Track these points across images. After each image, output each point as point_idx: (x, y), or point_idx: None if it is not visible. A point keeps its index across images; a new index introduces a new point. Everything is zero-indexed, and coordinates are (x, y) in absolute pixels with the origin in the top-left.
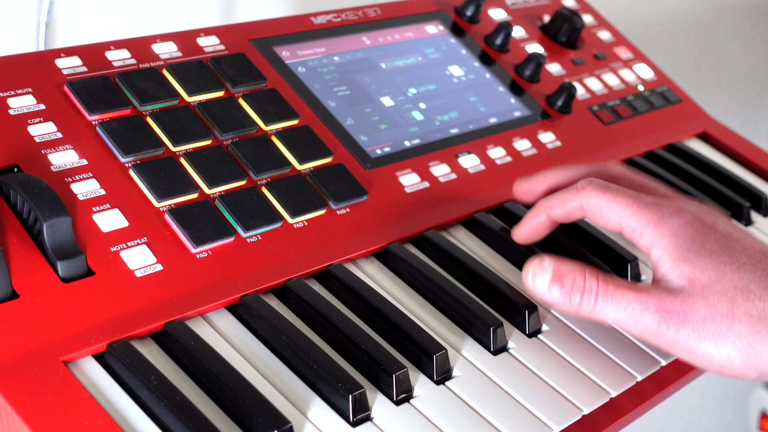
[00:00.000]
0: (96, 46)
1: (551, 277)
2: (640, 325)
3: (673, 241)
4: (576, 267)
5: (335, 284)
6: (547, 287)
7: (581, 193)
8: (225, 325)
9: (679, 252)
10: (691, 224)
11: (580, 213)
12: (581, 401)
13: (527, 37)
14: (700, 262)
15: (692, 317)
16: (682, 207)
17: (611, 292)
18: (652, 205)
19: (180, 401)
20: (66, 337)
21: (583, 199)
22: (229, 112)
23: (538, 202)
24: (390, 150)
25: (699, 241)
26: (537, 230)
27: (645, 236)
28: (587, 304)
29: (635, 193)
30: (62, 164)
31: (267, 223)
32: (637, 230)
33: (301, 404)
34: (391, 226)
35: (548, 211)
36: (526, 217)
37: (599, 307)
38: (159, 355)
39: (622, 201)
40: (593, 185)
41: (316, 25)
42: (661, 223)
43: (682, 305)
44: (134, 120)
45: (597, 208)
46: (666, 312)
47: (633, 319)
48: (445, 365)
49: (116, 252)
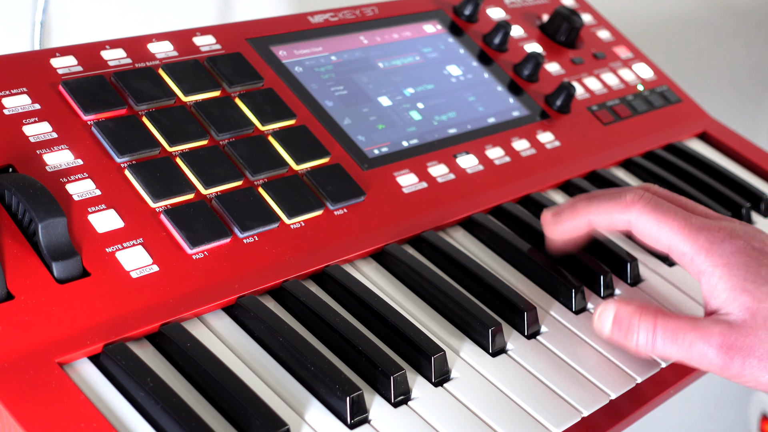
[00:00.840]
0: (91, 45)
1: (613, 320)
2: (704, 362)
3: (726, 269)
4: (634, 308)
5: (332, 285)
6: (610, 329)
7: (631, 208)
8: (221, 326)
9: (735, 282)
10: (744, 251)
11: (626, 228)
12: (580, 403)
13: (526, 37)
14: (759, 292)
15: (757, 350)
16: (732, 230)
17: (671, 333)
18: (702, 228)
19: (176, 403)
20: (61, 339)
21: (632, 216)
22: (225, 112)
23: (579, 202)
24: (388, 150)
25: (754, 269)
26: (573, 233)
27: (696, 263)
28: (646, 345)
29: (686, 214)
30: (57, 164)
31: (264, 223)
32: (688, 255)
33: (298, 406)
34: (389, 227)
35: (591, 217)
36: (563, 215)
37: (659, 347)
38: (155, 356)
39: (674, 223)
40: (644, 201)
41: (313, 24)
42: (713, 250)
43: (746, 339)
44: (130, 120)
45: (647, 228)
46: (730, 348)
47: (697, 357)
48: (443, 367)
49: (112, 253)
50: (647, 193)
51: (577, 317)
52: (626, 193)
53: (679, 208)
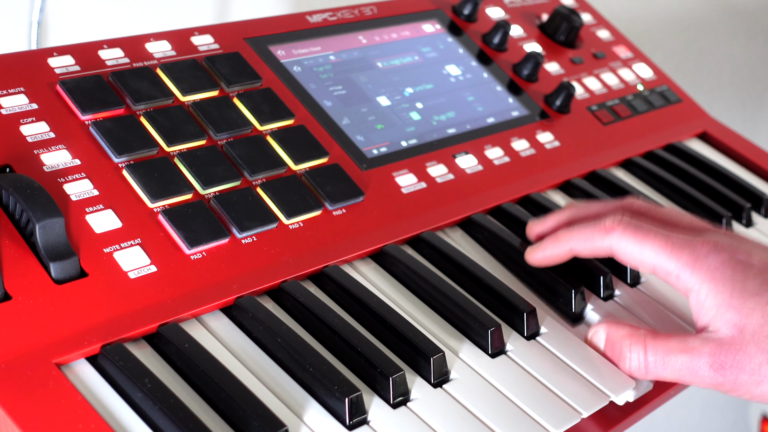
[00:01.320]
0: (89, 44)
1: (605, 344)
2: (698, 380)
3: (713, 285)
4: (623, 335)
5: (331, 286)
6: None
7: (611, 234)
8: (220, 327)
9: (722, 298)
10: (728, 263)
11: (608, 253)
12: (580, 405)
13: (525, 36)
14: (745, 307)
15: (747, 366)
16: (716, 243)
17: (661, 357)
18: (686, 245)
19: (174, 404)
20: (59, 340)
21: (613, 241)
22: (223, 112)
23: (561, 231)
24: (386, 150)
25: (740, 283)
26: (555, 259)
27: (682, 280)
28: (638, 371)
29: (666, 232)
30: (55, 164)
31: (262, 224)
32: (673, 274)
33: (297, 407)
34: (388, 227)
35: (572, 245)
36: (545, 243)
37: (652, 371)
38: (153, 357)
39: (655, 243)
40: (623, 225)
41: (311, 23)
42: (698, 265)
43: (736, 356)
44: (128, 120)
45: (629, 251)
46: (720, 366)
47: (689, 377)
48: (442, 368)
49: (110, 253)
50: (626, 217)
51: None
52: (605, 219)
53: (659, 228)
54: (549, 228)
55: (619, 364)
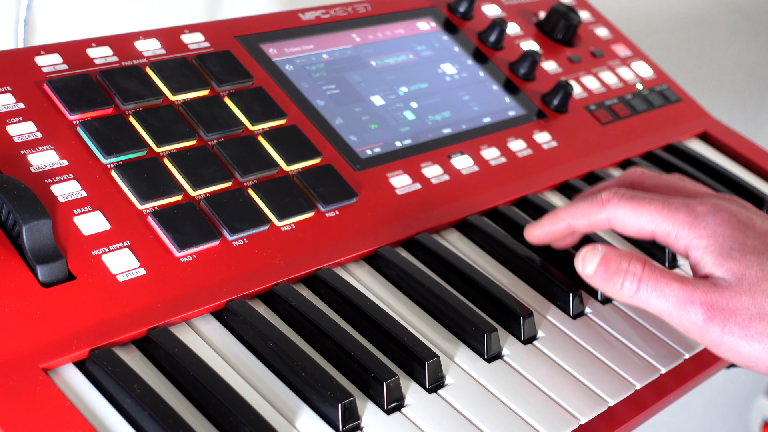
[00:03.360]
0: (77, 43)
1: (599, 261)
2: (684, 319)
3: (713, 240)
4: (625, 252)
5: (324, 289)
6: (594, 268)
7: (607, 206)
8: (210, 331)
9: (722, 250)
10: (729, 222)
11: (606, 226)
12: (578, 410)
13: (522, 34)
14: (745, 260)
15: (739, 315)
16: (715, 204)
17: (656, 280)
18: (683, 206)
19: (163, 410)
20: (46, 344)
21: (609, 212)
22: (214, 112)
23: (559, 208)
24: (380, 151)
25: (740, 240)
26: (554, 236)
27: (681, 238)
28: (629, 289)
29: (662, 197)
30: (42, 165)
31: (253, 225)
32: (672, 233)
33: (289, 413)
34: (382, 229)
35: (570, 220)
36: (543, 219)
37: (642, 293)
38: (142, 362)
39: (651, 207)
40: (618, 196)
41: (304, 21)
42: (696, 223)
43: (729, 301)
44: (116, 119)
45: (626, 219)
46: (712, 307)
47: (677, 310)
48: (437, 373)
49: (98, 256)
50: (621, 189)
51: (575, 321)
52: (602, 193)
53: (655, 195)
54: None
55: (611, 283)
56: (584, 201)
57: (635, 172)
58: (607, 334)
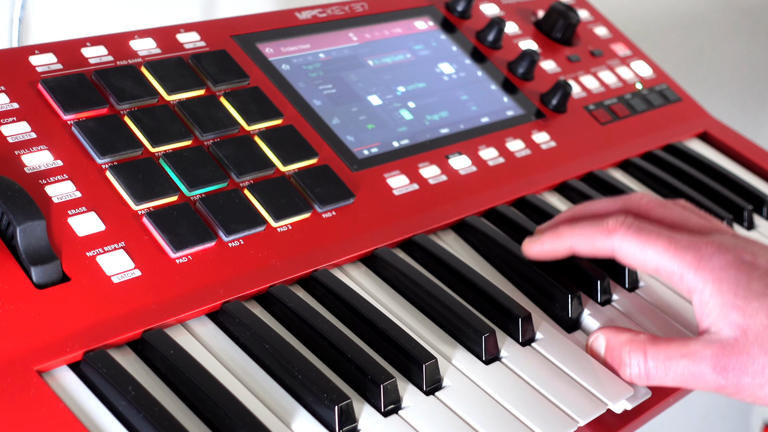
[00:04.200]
0: (72, 42)
1: (605, 351)
2: (700, 384)
3: (717, 285)
4: (623, 341)
5: (321, 291)
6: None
7: (613, 235)
8: (206, 333)
9: (726, 298)
10: (733, 264)
11: (609, 255)
12: (577, 413)
13: (521, 34)
14: (750, 308)
15: (751, 367)
16: (720, 244)
17: (663, 362)
18: (690, 246)
19: (159, 412)
20: (40, 346)
21: (615, 242)
22: (210, 112)
23: (563, 226)
24: (378, 151)
25: (744, 283)
26: (553, 255)
27: (685, 281)
28: (639, 378)
29: (670, 233)
30: (36, 165)
31: (249, 226)
32: (677, 274)
33: (285, 415)
34: (379, 230)
35: (572, 243)
36: (545, 237)
37: (653, 378)
38: (137, 364)
39: (658, 243)
40: (626, 227)
41: (300, 20)
42: (702, 266)
43: (739, 358)
44: (111, 120)
45: (630, 251)
46: (723, 369)
47: (692, 381)
48: (434, 375)
49: (92, 257)
50: (629, 218)
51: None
52: (608, 219)
53: (662, 229)
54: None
55: (620, 371)
56: (589, 226)
57: (641, 200)
58: None
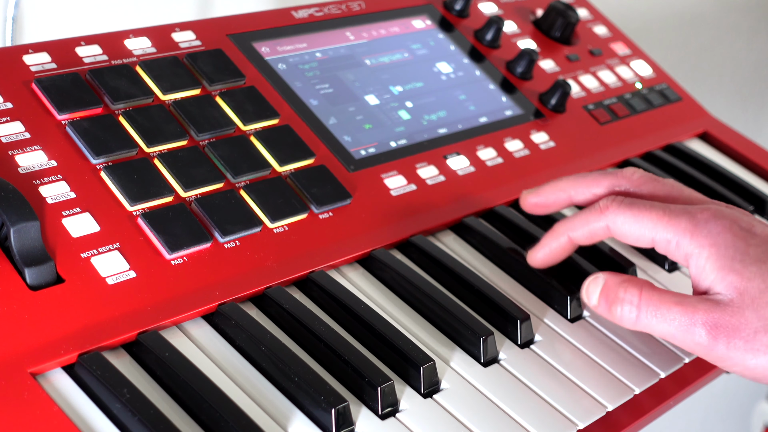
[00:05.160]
0: (66, 41)
1: (600, 290)
2: (688, 340)
3: (714, 249)
4: (621, 279)
5: (317, 292)
6: (596, 300)
7: (606, 213)
8: (201, 335)
9: (723, 261)
10: (730, 229)
11: (606, 234)
12: (576, 415)
13: (519, 33)
14: (747, 272)
15: (743, 331)
16: (716, 210)
17: (655, 306)
18: (683, 213)
19: (154, 415)
20: (34, 348)
21: (608, 219)
22: (205, 111)
23: (557, 224)
24: (375, 151)
25: (742, 248)
26: (557, 254)
27: (682, 246)
28: (629, 317)
29: (663, 205)
30: (30, 166)
31: (245, 227)
32: (672, 241)
33: (282, 418)
34: (376, 231)
35: (570, 233)
36: (544, 239)
37: (643, 320)
38: (132, 366)
39: (652, 214)
40: (617, 203)
41: (297, 19)
42: (698, 231)
43: (732, 318)
44: (106, 119)
45: (626, 226)
46: (715, 326)
47: (681, 333)
48: (432, 377)
49: (87, 258)
50: (619, 196)
51: (573, 325)
52: (599, 202)
53: (655, 202)
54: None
55: (611, 311)
56: (582, 213)
57: (633, 175)
58: (605, 337)
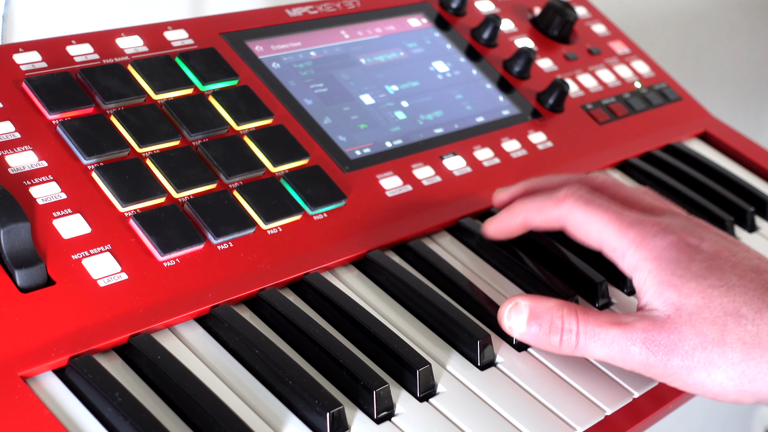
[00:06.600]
0: (56, 40)
1: (528, 318)
2: (628, 360)
3: (656, 264)
4: (553, 305)
5: (312, 294)
6: (525, 327)
7: (562, 204)
8: (194, 337)
9: (663, 276)
10: (676, 245)
11: (559, 224)
12: (575, 419)
13: (516, 31)
14: (686, 288)
15: (681, 348)
16: (667, 225)
17: (593, 330)
18: (635, 223)
19: (146, 419)
20: (24, 351)
21: (563, 211)
22: (198, 111)
23: (516, 202)
24: (370, 151)
25: (684, 264)
26: (509, 231)
27: (627, 258)
28: (568, 344)
29: (618, 209)
30: (20, 166)
31: (239, 229)
32: (619, 251)
33: (276, 422)
34: (372, 233)
35: (524, 215)
36: (500, 215)
37: (582, 346)
38: (124, 369)
39: (604, 216)
40: (575, 197)
41: (291, 17)
42: (644, 244)
43: (669, 336)
44: (97, 119)
45: (577, 222)
46: (653, 344)
47: (620, 354)
48: (429, 381)
49: (78, 260)
50: (581, 189)
51: None
52: (560, 190)
53: (612, 203)
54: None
55: (548, 338)
56: (541, 198)
57: (605, 179)
58: None
